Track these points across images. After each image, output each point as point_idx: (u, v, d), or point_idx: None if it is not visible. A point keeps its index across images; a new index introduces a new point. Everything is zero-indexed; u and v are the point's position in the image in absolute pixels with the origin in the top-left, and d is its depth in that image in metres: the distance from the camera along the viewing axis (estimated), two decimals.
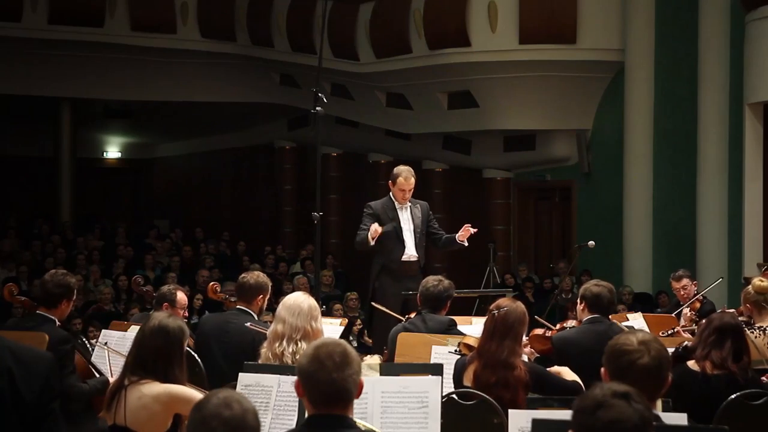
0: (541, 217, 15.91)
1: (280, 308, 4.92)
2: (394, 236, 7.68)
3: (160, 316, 4.24)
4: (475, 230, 7.77)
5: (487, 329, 4.87)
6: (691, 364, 4.95)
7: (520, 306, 4.93)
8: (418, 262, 7.79)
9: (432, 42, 13.71)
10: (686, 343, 5.38)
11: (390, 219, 7.69)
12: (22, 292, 9.05)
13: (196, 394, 4.04)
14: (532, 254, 15.80)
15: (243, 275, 6.27)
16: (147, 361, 4.09)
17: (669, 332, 6.63)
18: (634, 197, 13.50)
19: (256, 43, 16.66)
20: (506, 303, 4.92)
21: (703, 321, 5.31)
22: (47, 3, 15.74)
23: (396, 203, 7.75)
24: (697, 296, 7.79)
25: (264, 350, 4.87)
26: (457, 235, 7.74)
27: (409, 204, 7.79)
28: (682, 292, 7.98)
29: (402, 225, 7.72)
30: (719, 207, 12.55)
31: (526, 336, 6.26)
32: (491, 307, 4.93)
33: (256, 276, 6.21)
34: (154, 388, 4.06)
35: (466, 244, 7.78)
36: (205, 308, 11.59)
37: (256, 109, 18.20)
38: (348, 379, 3.02)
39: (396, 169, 7.82)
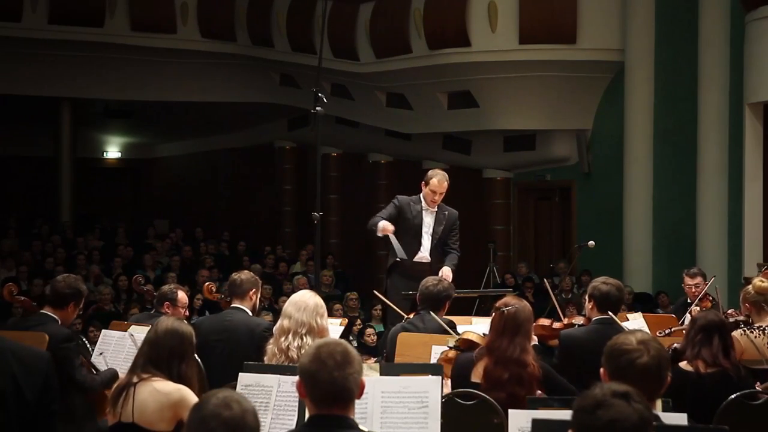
0: (541, 217, 15.90)
1: (287, 304, 5.00)
2: (413, 234, 7.69)
3: (170, 320, 4.32)
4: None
5: (496, 326, 4.85)
6: (683, 364, 4.95)
7: (527, 305, 4.94)
8: (430, 266, 7.73)
9: (432, 42, 13.71)
10: (675, 345, 5.38)
11: (413, 216, 7.70)
12: (22, 292, 9.06)
13: None
14: (532, 254, 15.79)
15: (233, 275, 6.36)
16: (161, 359, 4.14)
17: (666, 332, 6.62)
18: (634, 197, 13.50)
19: (256, 43, 16.66)
20: (514, 301, 4.92)
21: (689, 322, 5.32)
22: (47, 3, 15.74)
23: (423, 204, 7.75)
24: (707, 295, 7.77)
25: (270, 346, 4.93)
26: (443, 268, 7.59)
27: (437, 209, 7.76)
28: (693, 290, 7.95)
29: (423, 227, 7.73)
30: (719, 207, 12.55)
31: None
32: (498, 305, 4.91)
33: (246, 273, 6.34)
34: (168, 386, 4.10)
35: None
36: (205, 308, 11.60)
37: (256, 109, 18.20)
38: (349, 378, 3.03)
39: (431, 171, 7.83)
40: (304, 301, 4.93)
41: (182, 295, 6.83)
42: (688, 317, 7.44)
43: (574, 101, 13.91)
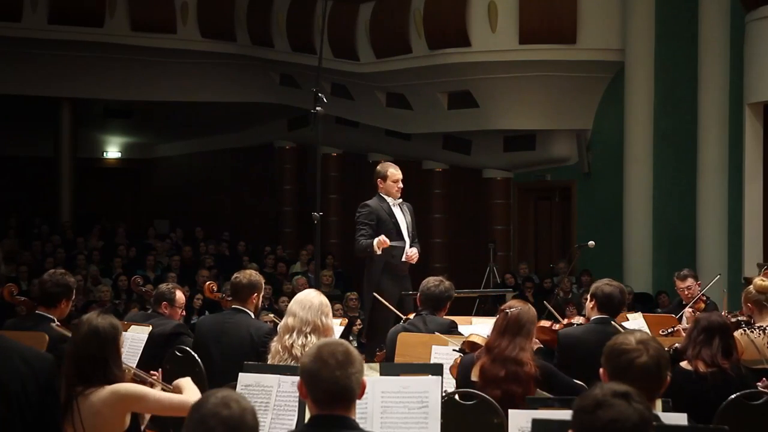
0: (541, 217, 15.91)
1: (292, 302, 5.01)
2: (395, 234, 7.53)
3: (89, 319, 4.05)
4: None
5: (499, 327, 4.89)
6: (684, 364, 4.98)
7: (532, 309, 4.98)
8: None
9: (432, 42, 13.71)
10: (676, 345, 5.39)
11: (389, 216, 7.53)
12: (22, 292, 9.07)
13: (141, 389, 4.01)
14: (532, 254, 15.80)
15: (236, 275, 6.19)
16: (86, 370, 3.94)
17: (669, 330, 6.63)
18: (634, 197, 13.50)
19: (256, 43, 16.65)
20: (519, 304, 4.98)
21: (692, 322, 5.34)
22: (47, 3, 15.74)
23: (390, 200, 7.59)
24: (701, 296, 7.79)
25: (274, 343, 4.93)
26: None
27: (399, 202, 7.66)
28: (686, 292, 7.98)
29: (399, 223, 7.58)
30: (719, 207, 12.56)
31: None
32: (503, 307, 4.96)
33: (248, 275, 6.15)
34: (100, 393, 3.94)
35: None
36: (205, 308, 11.60)
37: (256, 109, 18.19)
38: (351, 377, 3.03)
39: (380, 167, 7.68)
40: (309, 299, 4.95)
41: (180, 295, 6.81)
42: (684, 321, 7.45)
43: (574, 101, 13.91)
